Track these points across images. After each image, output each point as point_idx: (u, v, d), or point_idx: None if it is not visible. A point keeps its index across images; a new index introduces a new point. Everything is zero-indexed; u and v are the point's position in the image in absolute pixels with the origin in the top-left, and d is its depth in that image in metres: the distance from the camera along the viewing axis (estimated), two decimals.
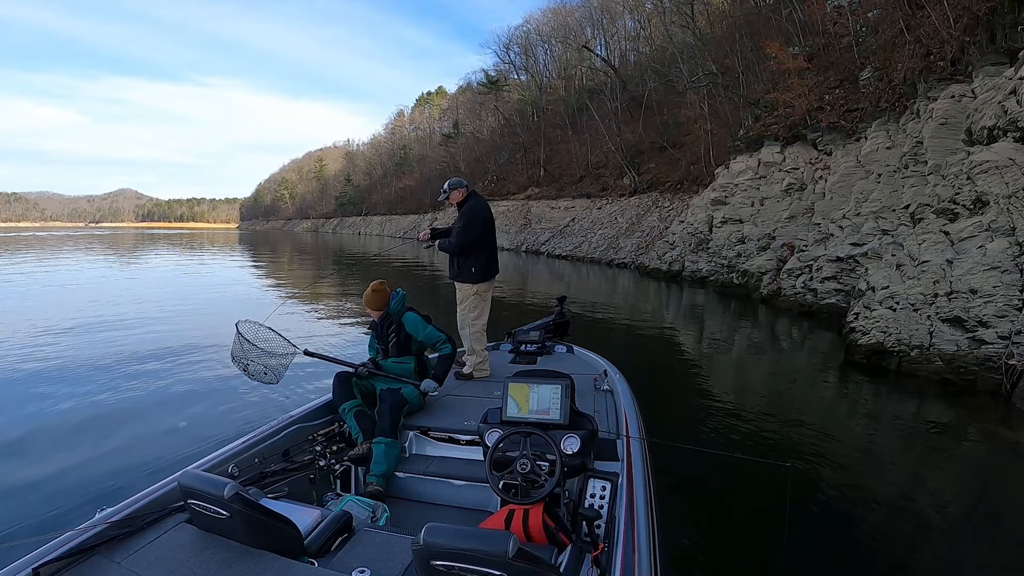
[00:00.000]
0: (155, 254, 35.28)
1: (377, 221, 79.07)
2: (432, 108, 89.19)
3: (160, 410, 5.95)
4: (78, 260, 28.12)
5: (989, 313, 6.77)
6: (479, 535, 1.58)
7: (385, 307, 3.73)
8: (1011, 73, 8.47)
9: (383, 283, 3.76)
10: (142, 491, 2.28)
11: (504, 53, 54.46)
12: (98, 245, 43.46)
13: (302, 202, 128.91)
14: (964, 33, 11.25)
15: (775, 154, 17.40)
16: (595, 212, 32.91)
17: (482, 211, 4.67)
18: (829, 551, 3.56)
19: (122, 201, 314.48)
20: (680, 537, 3.36)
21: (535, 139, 45.91)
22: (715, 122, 25.73)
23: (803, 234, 14.52)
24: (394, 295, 3.75)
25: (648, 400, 4.08)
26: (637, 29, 44.36)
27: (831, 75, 17.25)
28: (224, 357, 4.77)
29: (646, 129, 34.00)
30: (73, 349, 8.43)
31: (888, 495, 4.44)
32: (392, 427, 3.18)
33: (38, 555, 1.85)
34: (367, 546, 2.14)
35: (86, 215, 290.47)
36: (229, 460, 2.65)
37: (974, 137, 8.60)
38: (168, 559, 1.92)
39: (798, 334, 10.96)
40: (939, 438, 5.82)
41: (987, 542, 3.81)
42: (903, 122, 12.46)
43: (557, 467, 2.18)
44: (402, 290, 3.83)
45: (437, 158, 68.36)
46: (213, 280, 20.56)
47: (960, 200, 7.77)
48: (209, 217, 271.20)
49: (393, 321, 3.72)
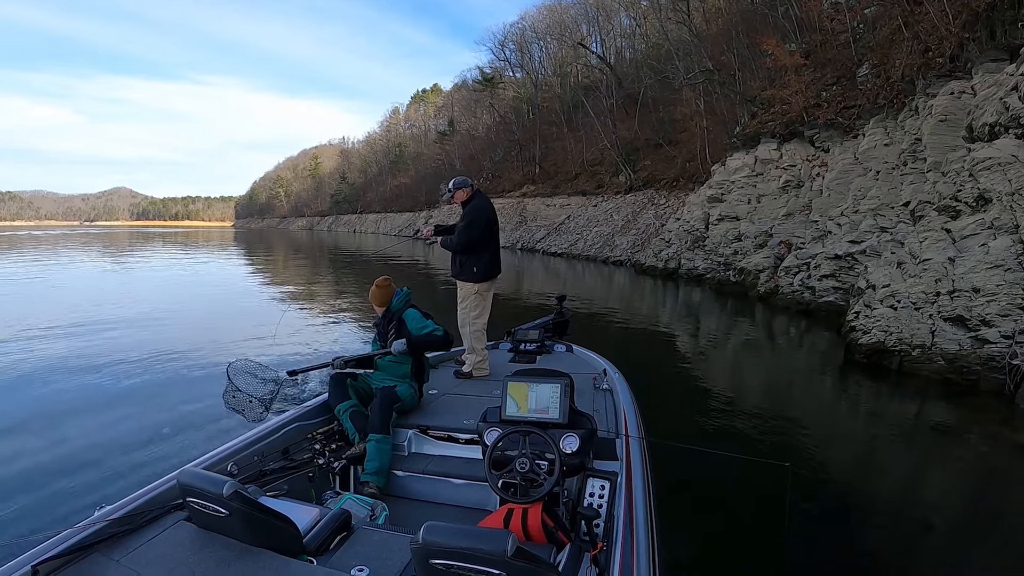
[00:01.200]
0: (151, 253, 35.01)
1: (372, 219, 78.74)
2: (427, 105, 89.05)
3: (160, 411, 5.89)
4: (73, 259, 27.87)
5: (992, 312, 6.68)
6: (478, 534, 1.58)
7: (388, 303, 3.75)
8: (1012, 69, 8.39)
9: (388, 279, 3.78)
10: (141, 489, 2.27)
11: (499, 50, 54.34)
12: (96, 243, 43.12)
13: (297, 200, 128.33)
14: (963, 29, 11.18)
15: (772, 151, 17.29)
16: (591, 209, 32.79)
17: (485, 210, 4.65)
18: (828, 551, 3.53)
19: (117, 200, 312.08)
20: (679, 536, 3.34)
21: (530, 136, 45.76)
22: (711, 119, 25.63)
23: (800, 231, 14.45)
24: (398, 292, 3.78)
25: (647, 399, 4.06)
26: (633, 26, 44.33)
27: (828, 72, 17.17)
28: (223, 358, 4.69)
29: (642, 126, 33.89)
30: (73, 347, 8.45)
31: (889, 495, 4.39)
32: (383, 423, 3.16)
33: (37, 553, 1.84)
34: (366, 544, 2.13)
35: (81, 214, 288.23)
36: (228, 458, 2.65)
37: (975, 134, 8.52)
38: (167, 557, 1.91)
39: (796, 332, 10.88)
40: (941, 438, 5.75)
41: (989, 543, 3.76)
42: (901, 119, 12.37)
43: (556, 466, 2.17)
44: (407, 288, 3.85)
45: (432, 156, 68.27)
46: (211, 280, 20.41)
47: (962, 197, 7.68)
48: (204, 215, 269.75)
49: (394, 317, 3.73)
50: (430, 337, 3.62)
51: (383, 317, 3.78)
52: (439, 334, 3.64)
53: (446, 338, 3.66)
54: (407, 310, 3.74)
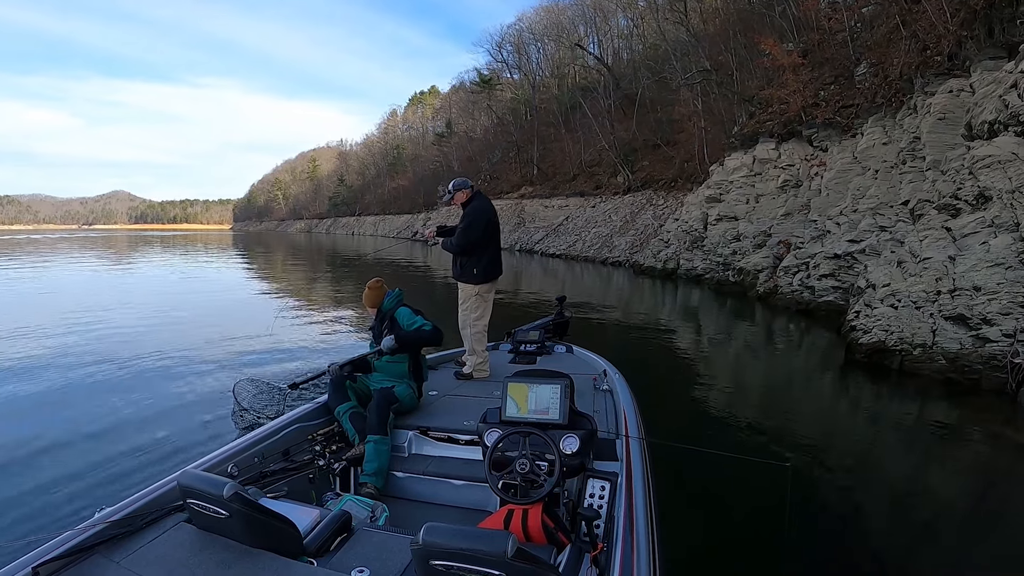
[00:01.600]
0: (151, 257, 34.92)
1: (371, 221, 78.63)
2: (425, 107, 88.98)
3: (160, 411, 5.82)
4: (83, 262, 27.80)
5: (993, 310, 6.62)
6: (478, 535, 1.59)
7: (380, 304, 3.83)
8: (1011, 67, 8.35)
9: (380, 281, 3.86)
10: (141, 491, 2.27)
11: (497, 52, 54.36)
12: (96, 248, 42.92)
13: (295, 203, 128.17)
14: (961, 27, 11.15)
15: (770, 151, 17.27)
16: (589, 210, 32.75)
17: (485, 212, 4.66)
18: (829, 551, 3.52)
19: (115, 203, 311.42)
20: (679, 537, 3.32)
21: (528, 138, 45.77)
22: (709, 119, 25.59)
23: (799, 231, 14.40)
24: (389, 293, 3.84)
25: (647, 400, 4.05)
26: (630, 27, 44.27)
27: (826, 71, 17.15)
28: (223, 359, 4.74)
29: (639, 127, 33.86)
30: (71, 349, 8.36)
31: (889, 495, 4.36)
32: (380, 424, 3.16)
33: (38, 554, 1.84)
34: (366, 546, 2.13)
35: (79, 217, 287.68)
36: (228, 460, 2.65)
37: (974, 132, 8.48)
38: (167, 558, 1.91)
39: (796, 332, 10.84)
40: (942, 438, 5.70)
41: (990, 543, 3.72)
42: (900, 117, 12.35)
43: (556, 467, 2.18)
44: (399, 289, 3.92)
45: (430, 157, 68.19)
46: (215, 286, 20.32)
47: (962, 196, 7.62)
48: (202, 218, 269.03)
49: (386, 317, 3.78)
50: (419, 332, 3.65)
51: (376, 318, 3.85)
52: (428, 328, 3.66)
53: (435, 332, 3.68)
54: (399, 309, 3.78)
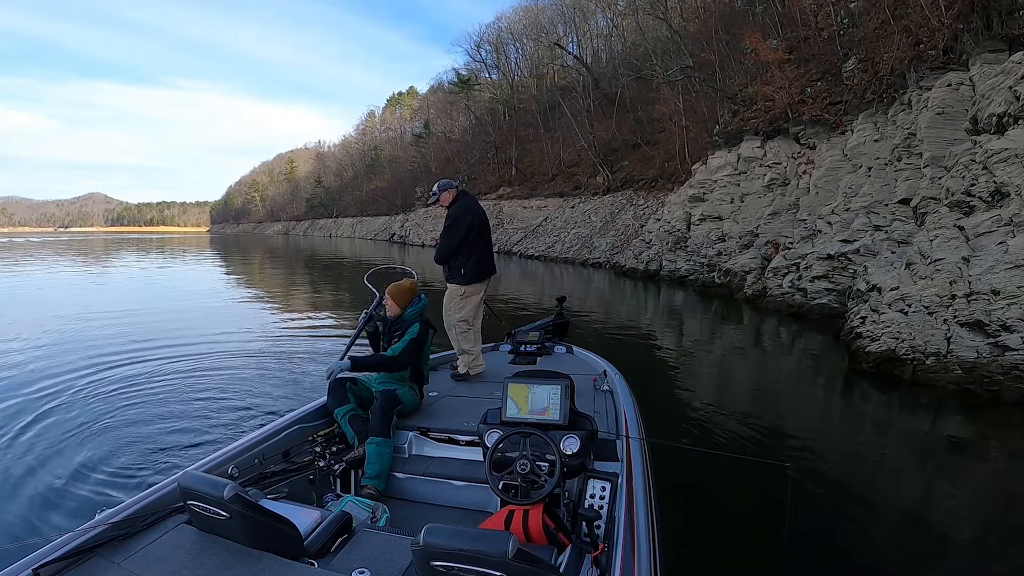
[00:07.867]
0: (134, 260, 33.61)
1: (348, 223, 77.40)
2: (403, 108, 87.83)
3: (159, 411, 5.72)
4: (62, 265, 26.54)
5: (1013, 316, 6.10)
6: (479, 536, 1.59)
7: (405, 309, 3.70)
8: (1020, 57, 7.90)
9: (414, 283, 3.78)
10: (142, 492, 2.26)
11: (475, 52, 53.48)
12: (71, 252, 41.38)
13: (273, 205, 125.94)
14: (957, 20, 10.77)
15: (755, 149, 16.78)
16: (568, 211, 32.21)
17: (469, 212, 4.63)
18: (829, 552, 3.47)
19: (91, 205, 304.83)
20: (680, 537, 3.29)
21: (507, 138, 45.21)
22: (691, 118, 25.16)
23: (788, 231, 13.95)
24: (415, 301, 3.72)
25: (648, 401, 4.06)
26: (609, 27, 43.86)
27: (813, 67, 16.73)
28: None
29: (619, 126, 33.40)
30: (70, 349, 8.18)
31: (894, 505, 4.20)
32: (383, 426, 3.13)
33: (38, 556, 1.83)
34: (367, 547, 2.14)
35: (55, 220, 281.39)
36: (229, 461, 2.63)
37: (980, 125, 8.01)
38: (168, 560, 1.90)
39: (790, 336, 10.31)
40: (956, 452, 5.34)
41: (1003, 560, 3.56)
42: (892, 113, 11.93)
43: (557, 467, 2.17)
44: (425, 298, 3.79)
45: (408, 159, 67.36)
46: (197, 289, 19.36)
47: (975, 192, 7.10)
48: (179, 221, 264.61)
49: (401, 326, 3.67)
50: (375, 358, 3.62)
51: (393, 319, 3.73)
52: (386, 355, 3.56)
53: (390, 361, 3.51)
54: (415, 323, 3.64)
